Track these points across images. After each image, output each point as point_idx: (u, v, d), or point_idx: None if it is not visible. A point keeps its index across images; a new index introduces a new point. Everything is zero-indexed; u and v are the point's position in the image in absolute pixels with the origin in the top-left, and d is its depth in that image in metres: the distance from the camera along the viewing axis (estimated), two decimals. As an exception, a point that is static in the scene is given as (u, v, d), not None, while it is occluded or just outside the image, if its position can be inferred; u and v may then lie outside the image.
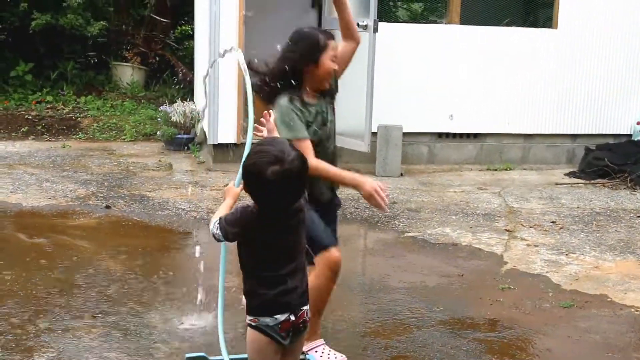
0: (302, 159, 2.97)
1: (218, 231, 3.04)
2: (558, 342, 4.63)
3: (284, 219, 3.03)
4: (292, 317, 3.04)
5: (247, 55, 8.66)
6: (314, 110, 4.14)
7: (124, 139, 10.73)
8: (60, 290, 5.08)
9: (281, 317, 3.02)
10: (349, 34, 4.38)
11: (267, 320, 3.02)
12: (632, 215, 7.59)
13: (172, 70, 13.64)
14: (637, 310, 5.13)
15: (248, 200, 3.01)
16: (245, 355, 3.24)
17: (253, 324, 3.06)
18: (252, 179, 2.95)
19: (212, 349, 4.11)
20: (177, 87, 13.30)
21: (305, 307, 3.12)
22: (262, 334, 3.04)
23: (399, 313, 4.94)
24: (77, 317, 4.66)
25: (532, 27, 9.83)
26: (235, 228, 3.01)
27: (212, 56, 8.93)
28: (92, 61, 13.98)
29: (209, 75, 8.93)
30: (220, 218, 3.05)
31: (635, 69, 10.04)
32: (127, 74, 13.25)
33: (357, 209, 7.46)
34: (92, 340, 4.32)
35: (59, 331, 4.43)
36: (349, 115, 8.95)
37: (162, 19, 13.68)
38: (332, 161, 4.19)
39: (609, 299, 5.34)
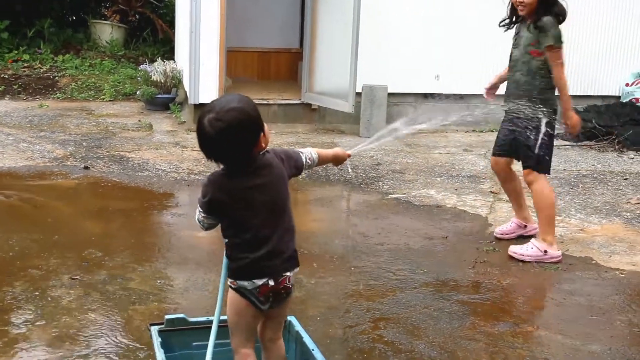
0: (243, 110, 2.91)
1: (197, 221, 3.10)
2: (542, 304, 4.68)
3: (250, 175, 2.97)
4: (272, 282, 3.01)
5: (229, 14, 8.47)
6: None
7: (103, 99, 10.66)
8: (38, 252, 5.06)
9: (259, 282, 3.00)
10: None
11: (245, 283, 3.01)
12: (618, 177, 7.63)
13: (152, 28, 13.52)
14: (621, 273, 5.18)
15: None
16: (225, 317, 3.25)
17: (233, 286, 3.06)
18: (198, 135, 2.94)
19: (191, 310, 4.12)
20: (157, 45, 13.21)
21: (289, 273, 3.07)
22: (241, 297, 3.05)
23: (382, 275, 4.96)
24: (55, 278, 4.65)
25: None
26: (205, 209, 3.02)
27: (194, 13, 8.85)
28: (70, 19, 13.85)
29: (191, 32, 8.89)
30: (197, 208, 3.06)
31: (624, 30, 10.03)
32: (106, 32, 13.13)
33: (341, 169, 7.46)
34: (70, 302, 4.32)
35: (37, 293, 4.42)
36: (333, 75, 8.93)
37: (142, -24, 13.54)
38: None
39: (593, 262, 5.38)
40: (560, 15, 5.40)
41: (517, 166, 5.70)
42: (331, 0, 8.95)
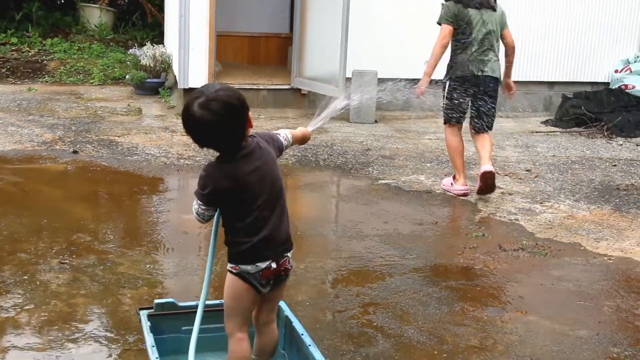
0: (231, 92, 2.95)
1: (196, 214, 3.11)
2: (531, 290, 4.69)
3: (244, 159, 2.99)
4: (274, 265, 3.06)
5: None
6: None
7: (92, 83, 10.62)
8: (27, 236, 5.05)
9: (262, 265, 3.04)
10: None
11: (248, 267, 3.04)
12: (607, 164, 7.65)
13: (141, 12, 13.46)
14: (609, 259, 5.20)
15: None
16: (218, 301, 3.25)
17: (234, 271, 3.07)
18: (188, 124, 2.95)
19: (181, 295, 4.12)
20: (146, 29, 13.15)
21: (288, 254, 3.12)
22: (242, 280, 3.06)
23: (371, 260, 4.97)
24: (44, 263, 4.64)
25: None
26: (205, 201, 3.05)
27: (183, -2, 8.81)
28: (58, 2, 13.76)
29: (181, 16, 8.85)
30: (195, 200, 3.08)
31: (614, 16, 10.05)
32: (95, 15, 13.06)
33: (331, 155, 7.46)
34: (59, 286, 4.31)
35: (26, 277, 4.41)
36: (323, 60, 8.92)
37: (131, -41, 13.46)
38: None
39: (582, 248, 5.40)
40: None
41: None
42: (321, -15, 8.95)
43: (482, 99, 6.57)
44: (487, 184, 6.35)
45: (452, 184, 6.62)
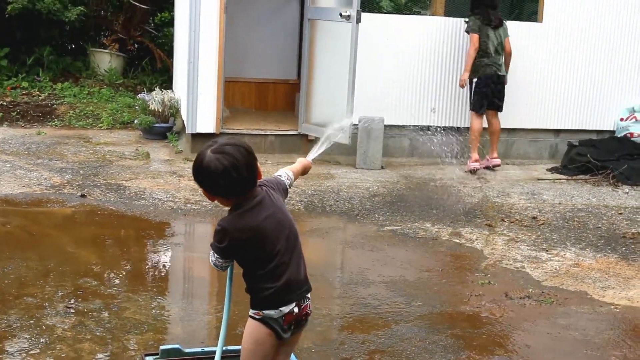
0: (241, 142, 3.03)
1: (213, 265, 3.17)
2: (537, 338, 4.66)
3: (257, 208, 3.03)
4: (296, 309, 3.11)
5: (228, 44, 8.58)
6: None
7: (101, 127, 10.68)
8: (33, 280, 5.05)
9: (286, 309, 3.08)
10: None
11: (272, 312, 3.08)
12: (613, 212, 7.64)
13: (151, 57, 13.58)
14: (616, 308, 5.18)
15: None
16: (236, 347, 3.25)
17: (257, 317, 3.10)
18: (203, 173, 3.00)
19: (187, 341, 4.11)
20: (155, 74, 13.26)
21: (309, 296, 3.18)
22: (265, 326, 3.09)
23: (377, 307, 4.96)
24: (50, 307, 4.64)
25: (517, 20, 9.84)
26: (222, 254, 3.09)
27: (192, 44, 8.89)
28: (69, 47, 13.89)
29: (190, 62, 8.93)
30: (211, 252, 3.12)
31: (619, 65, 10.10)
32: (105, 60, 13.17)
33: (337, 201, 7.47)
34: (65, 331, 4.30)
35: (32, 321, 4.41)
36: (330, 106, 8.97)
37: (141, 5, 13.59)
38: None
39: (588, 296, 5.38)
40: (480, 16, 8.96)
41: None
42: (329, 33, 9.01)
43: (499, 90, 9.11)
44: (494, 170, 9.24)
45: (471, 162, 9.09)
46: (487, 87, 9.00)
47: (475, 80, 9.02)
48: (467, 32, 9.02)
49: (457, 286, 5.48)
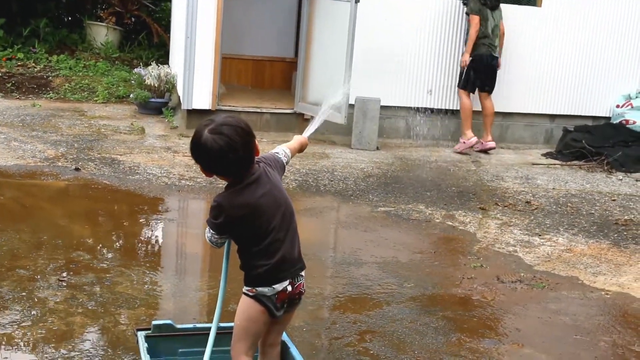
0: (239, 120, 3.02)
1: (209, 242, 3.16)
2: (528, 322, 4.68)
3: (254, 184, 3.03)
4: (290, 288, 3.11)
5: (226, 21, 8.51)
6: None
7: (96, 101, 10.65)
8: (26, 252, 5.04)
9: (279, 287, 3.08)
10: None
11: (265, 290, 3.08)
12: (606, 198, 7.66)
13: (148, 32, 13.52)
14: (607, 294, 5.19)
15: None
16: (229, 324, 3.25)
17: (250, 293, 3.10)
18: (200, 151, 2.99)
19: (179, 317, 4.11)
20: (152, 49, 13.20)
21: (303, 274, 3.18)
22: (258, 303, 3.09)
23: (369, 288, 4.96)
24: (43, 279, 4.63)
25: (516, 4, 9.81)
26: (218, 230, 3.09)
27: (190, 19, 8.85)
28: (65, 19, 13.82)
29: (187, 37, 8.89)
30: (207, 229, 3.12)
31: (617, 52, 10.10)
32: (102, 33, 13.11)
33: (332, 181, 7.47)
34: (57, 304, 4.30)
35: (24, 293, 4.40)
36: (327, 86, 8.94)
37: (139, -22, 13.54)
38: None
39: (580, 282, 5.39)
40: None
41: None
42: (327, 12, 8.98)
43: (492, 72, 9.27)
44: (488, 153, 9.33)
45: (464, 142, 9.29)
46: (480, 65, 9.18)
47: (469, 58, 9.19)
48: (468, 13, 9.18)
49: (450, 269, 5.49)
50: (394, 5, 9.52)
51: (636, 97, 10.04)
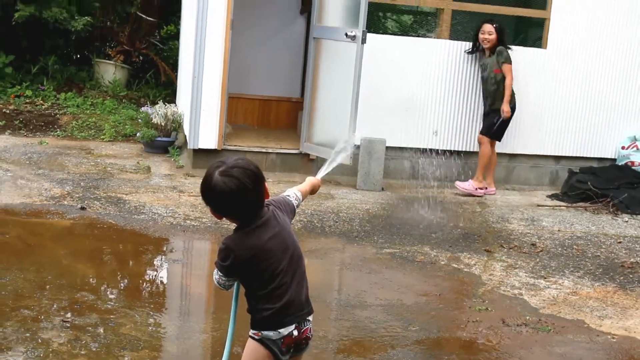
0: (249, 162, 3.06)
1: (217, 284, 3.19)
2: (533, 367, 4.66)
3: (263, 227, 3.05)
4: (296, 332, 3.12)
5: (233, 60, 8.60)
6: None
7: (103, 139, 10.70)
8: (30, 292, 5.05)
9: (284, 331, 3.10)
10: None
11: (271, 334, 3.09)
12: (612, 240, 7.64)
13: (155, 70, 13.61)
14: (613, 338, 5.17)
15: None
16: None
17: (256, 337, 3.12)
18: (210, 194, 3.02)
19: (183, 359, 4.10)
20: (159, 88, 13.29)
21: (310, 318, 3.19)
22: (263, 347, 3.10)
23: (374, 330, 4.95)
24: (47, 320, 4.63)
25: (522, 46, 9.85)
26: (226, 273, 3.12)
27: (198, 59, 8.93)
28: (74, 57, 13.93)
29: (194, 77, 8.96)
30: (215, 270, 3.14)
31: (622, 94, 10.12)
32: (110, 71, 13.20)
33: (337, 222, 7.47)
34: (61, 345, 4.30)
35: (28, 334, 4.40)
36: (333, 126, 8.98)
37: (148, 18, 13.65)
38: None
39: (585, 325, 5.38)
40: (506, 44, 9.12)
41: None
42: (334, 53, 9.04)
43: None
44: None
45: (478, 189, 9.20)
46: (512, 115, 9.14)
47: (502, 107, 9.03)
48: (502, 63, 8.96)
49: (455, 311, 5.48)
50: (400, 46, 9.59)
51: (642, 139, 10.07)
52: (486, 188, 9.32)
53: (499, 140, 9.30)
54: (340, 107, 8.81)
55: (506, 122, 9.14)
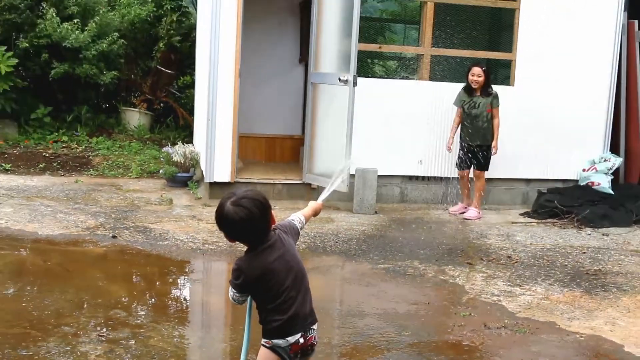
0: (258, 193, 3.08)
1: (232, 300, 3.21)
2: (512, 364, 4.64)
3: (270, 250, 3.06)
4: (302, 340, 3.13)
5: (241, 104, 8.61)
6: None
7: (130, 176, 10.71)
8: (70, 311, 5.04)
9: (292, 340, 3.11)
10: None
11: (280, 342, 3.10)
12: (578, 251, 7.63)
13: (174, 115, 13.67)
14: (581, 336, 5.15)
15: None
16: None
17: (267, 345, 3.14)
18: (223, 221, 3.04)
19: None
20: (178, 130, 13.33)
21: (314, 327, 3.19)
22: (274, 353, 3.12)
23: (371, 336, 4.93)
24: (84, 335, 4.62)
25: (492, 84, 9.89)
26: (238, 290, 3.14)
27: (211, 104, 8.97)
28: (103, 106, 14.00)
29: (208, 120, 9.00)
30: (230, 288, 3.16)
31: (582, 124, 10.15)
32: (135, 118, 13.26)
33: (336, 242, 7.47)
34: (97, 357, 4.29)
35: (68, 348, 4.39)
36: (330, 158, 9.01)
37: (167, 70, 13.73)
38: None
39: (557, 326, 5.35)
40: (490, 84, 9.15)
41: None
42: (329, 95, 9.07)
43: None
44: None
45: (479, 212, 9.16)
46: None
47: (492, 144, 9.04)
48: (497, 106, 8.98)
49: (442, 317, 5.46)
50: (387, 88, 9.64)
51: (599, 162, 10.07)
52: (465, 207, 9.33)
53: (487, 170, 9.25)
54: (336, 142, 8.84)
55: (492, 155, 9.11)
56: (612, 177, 10.02)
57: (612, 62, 10.17)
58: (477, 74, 8.98)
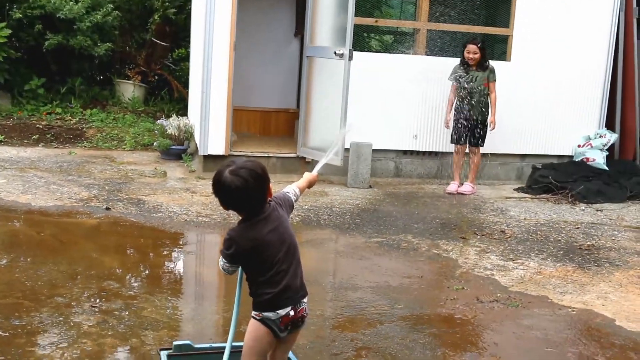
0: (257, 164, 3.05)
1: (222, 270, 3.17)
2: (504, 337, 4.66)
3: (265, 221, 3.05)
4: (292, 312, 3.12)
5: (236, 78, 8.59)
6: None
7: (124, 148, 10.68)
8: (63, 282, 5.03)
9: (282, 312, 3.09)
10: None
11: (270, 314, 3.09)
12: (571, 226, 7.65)
13: (169, 88, 13.60)
14: (573, 310, 5.17)
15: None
16: (241, 343, 3.26)
17: (257, 317, 3.12)
18: (219, 188, 3.01)
19: (197, 337, 4.10)
20: (173, 103, 13.28)
21: (305, 300, 3.17)
22: (264, 325, 3.11)
23: (364, 309, 4.95)
24: (78, 306, 4.62)
25: (490, 59, 9.85)
26: (229, 260, 3.10)
27: (206, 77, 8.92)
28: (97, 78, 13.92)
29: (203, 92, 8.95)
30: (220, 257, 3.13)
31: (578, 100, 10.14)
32: (129, 90, 13.19)
33: (330, 215, 7.46)
34: (90, 327, 4.29)
35: (61, 318, 4.39)
36: (325, 132, 8.98)
37: (161, 43, 13.63)
38: None
39: (549, 300, 5.37)
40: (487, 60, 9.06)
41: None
42: (325, 69, 9.03)
43: None
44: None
45: (473, 187, 9.12)
46: None
47: (490, 119, 8.99)
48: (494, 81, 8.93)
49: (435, 291, 5.47)
50: (383, 62, 9.59)
51: (595, 138, 10.07)
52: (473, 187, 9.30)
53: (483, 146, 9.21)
54: (331, 116, 8.81)
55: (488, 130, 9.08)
56: (607, 153, 10.03)
57: (610, 38, 10.15)
58: (472, 51, 8.89)
